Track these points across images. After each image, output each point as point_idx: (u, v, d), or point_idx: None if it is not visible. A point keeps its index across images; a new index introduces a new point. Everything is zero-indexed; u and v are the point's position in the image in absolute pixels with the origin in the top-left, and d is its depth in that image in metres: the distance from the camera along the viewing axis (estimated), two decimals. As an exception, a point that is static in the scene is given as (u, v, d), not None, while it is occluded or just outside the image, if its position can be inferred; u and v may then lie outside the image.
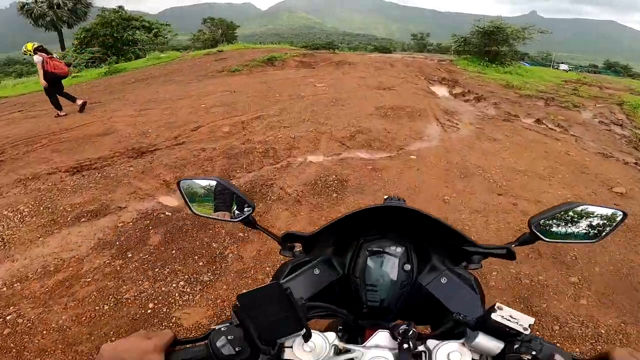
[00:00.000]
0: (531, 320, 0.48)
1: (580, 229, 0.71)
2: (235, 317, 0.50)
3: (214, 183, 0.80)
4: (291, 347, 0.52)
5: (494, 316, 0.48)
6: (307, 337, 0.51)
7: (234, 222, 0.81)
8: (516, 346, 0.48)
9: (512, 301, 2.30)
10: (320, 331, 0.55)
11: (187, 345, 0.53)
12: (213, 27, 64.66)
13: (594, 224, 0.71)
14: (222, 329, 0.51)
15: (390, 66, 12.66)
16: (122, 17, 26.12)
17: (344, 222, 0.73)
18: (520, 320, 0.48)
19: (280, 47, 17.59)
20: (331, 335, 0.55)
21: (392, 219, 0.76)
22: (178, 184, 0.81)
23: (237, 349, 0.49)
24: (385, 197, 0.91)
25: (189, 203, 0.81)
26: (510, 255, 0.72)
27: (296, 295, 0.53)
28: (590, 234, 0.71)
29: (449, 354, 0.51)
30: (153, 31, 22.16)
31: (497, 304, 0.49)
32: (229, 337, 0.49)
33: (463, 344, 0.51)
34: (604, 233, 0.71)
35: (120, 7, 27.57)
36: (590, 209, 0.70)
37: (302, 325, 0.49)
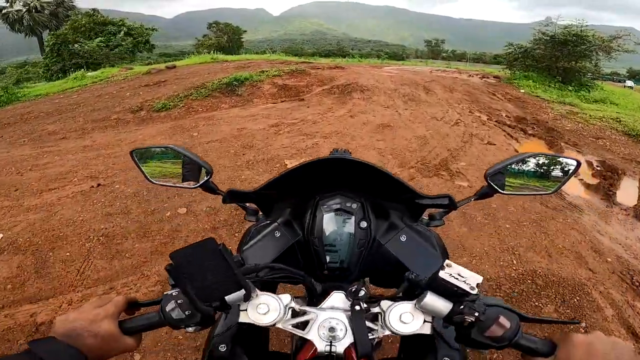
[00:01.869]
0: (479, 279, 0.47)
1: (536, 179, 0.71)
2: (170, 277, 0.48)
3: (168, 150, 0.78)
4: (246, 310, 0.51)
5: (441, 274, 0.47)
6: (247, 297, 0.49)
7: (193, 188, 0.76)
8: (461, 307, 0.47)
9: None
10: (292, 295, 0.54)
11: (141, 310, 0.54)
12: (219, 32, 61.64)
13: (548, 173, 0.71)
14: (174, 293, 0.49)
15: (425, 92, 8.16)
16: (96, 21, 22.39)
17: (290, 177, 0.70)
18: (468, 279, 0.47)
19: (268, 58, 13.26)
20: (285, 297, 0.53)
21: (345, 174, 0.74)
22: (131, 153, 0.77)
23: (186, 313, 0.47)
24: (332, 150, 0.88)
25: (144, 172, 0.78)
26: (451, 204, 0.71)
27: (258, 259, 0.61)
28: (546, 185, 0.72)
29: (400, 315, 0.51)
30: (95, 40, 18.01)
31: (446, 261, 0.48)
32: (178, 301, 0.48)
33: (415, 305, 0.51)
34: (559, 183, 0.71)
35: (94, 9, 23.88)
36: (544, 157, 0.71)
37: (241, 285, 0.47)
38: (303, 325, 0.54)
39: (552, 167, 0.71)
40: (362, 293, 0.53)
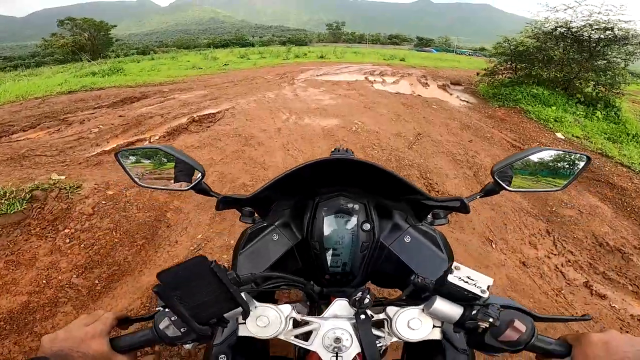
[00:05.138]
0: (490, 281, 0.44)
1: (544, 175, 0.68)
2: (159, 299, 0.44)
3: (156, 151, 0.72)
4: (244, 323, 0.49)
5: (450, 278, 0.44)
6: (245, 314, 0.46)
7: (185, 190, 0.70)
8: (474, 312, 0.45)
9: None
10: (290, 302, 0.53)
11: (134, 326, 0.52)
12: (75, 28, 47.46)
13: (557, 169, 0.67)
14: (167, 309, 0.47)
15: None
16: None
17: (288, 180, 0.65)
18: (478, 282, 0.44)
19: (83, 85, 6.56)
20: (286, 308, 0.51)
21: (347, 173, 0.69)
22: (116, 155, 0.71)
23: (182, 330, 0.45)
24: (333, 149, 0.84)
25: (132, 175, 0.73)
26: (463, 207, 0.67)
27: (255, 264, 0.59)
28: (555, 181, 0.68)
29: (408, 322, 0.48)
30: None
31: (455, 264, 0.46)
32: (172, 318, 0.45)
33: (423, 310, 0.48)
34: (568, 179, 0.67)
35: None
36: (553, 152, 0.66)
37: (238, 302, 0.44)
38: (306, 336, 0.51)
39: (560, 163, 0.66)
40: (366, 301, 0.49)
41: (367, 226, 0.67)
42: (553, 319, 0.48)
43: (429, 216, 0.78)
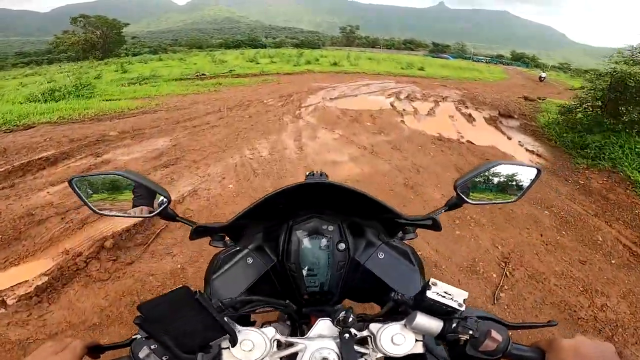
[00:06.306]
0: (465, 294, 0.46)
1: (501, 188, 0.70)
2: (141, 330, 0.43)
3: (116, 177, 0.66)
4: (228, 348, 0.47)
5: (429, 294, 0.46)
6: (233, 342, 0.45)
7: (150, 217, 0.67)
8: (454, 325, 0.46)
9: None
10: (270, 323, 0.53)
11: (107, 354, 0.50)
12: (88, 26, 46.98)
13: (512, 182, 0.70)
14: (145, 338, 0.45)
15: None
16: None
17: (263, 206, 0.65)
18: (455, 296, 0.46)
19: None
20: (270, 331, 0.49)
21: (321, 196, 0.70)
22: (70, 182, 0.64)
23: (164, 359, 0.43)
24: (307, 173, 0.87)
25: (88, 203, 0.67)
26: (435, 225, 0.69)
27: (230, 289, 0.57)
28: (511, 193, 0.71)
29: (392, 337, 0.48)
30: None
31: (432, 280, 0.47)
32: (152, 347, 0.43)
33: (405, 325, 0.49)
34: (522, 191, 0.71)
35: None
36: (508, 167, 0.69)
37: (225, 330, 0.44)
38: (291, 357, 0.50)
39: (514, 176, 0.70)
40: (350, 320, 0.50)
41: (342, 246, 0.68)
42: (523, 326, 0.50)
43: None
